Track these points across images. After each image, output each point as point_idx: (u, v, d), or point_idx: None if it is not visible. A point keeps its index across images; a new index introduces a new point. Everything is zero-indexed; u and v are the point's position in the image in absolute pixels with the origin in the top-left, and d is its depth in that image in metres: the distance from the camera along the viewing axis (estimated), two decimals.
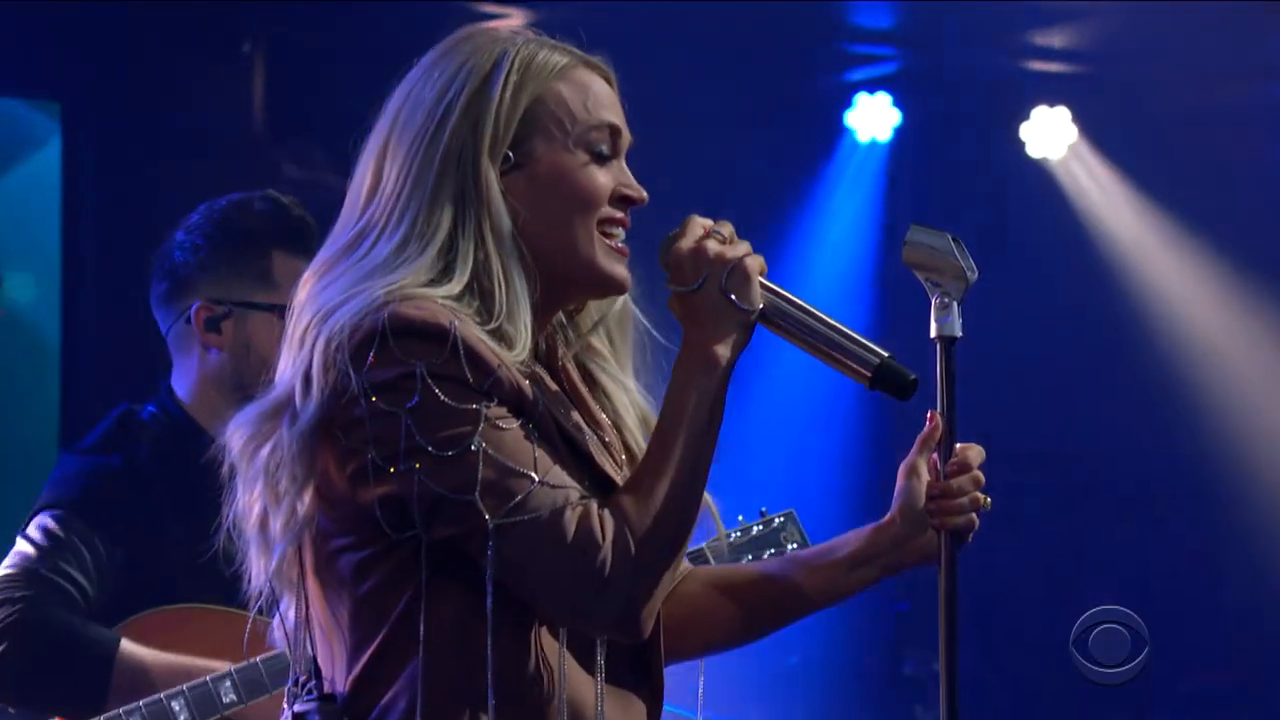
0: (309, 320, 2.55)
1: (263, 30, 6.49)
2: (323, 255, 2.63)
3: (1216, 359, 7.30)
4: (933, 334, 2.67)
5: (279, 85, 6.54)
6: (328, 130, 5.90)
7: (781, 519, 4.23)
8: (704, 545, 3.65)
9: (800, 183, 7.41)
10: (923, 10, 7.28)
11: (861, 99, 7.45)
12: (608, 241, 2.65)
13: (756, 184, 7.13)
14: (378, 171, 2.63)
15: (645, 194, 2.69)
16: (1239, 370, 7.29)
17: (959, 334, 2.66)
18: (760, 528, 4.20)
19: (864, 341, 2.65)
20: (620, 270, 2.66)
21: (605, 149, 2.66)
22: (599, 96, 2.68)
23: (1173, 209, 7.31)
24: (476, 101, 2.61)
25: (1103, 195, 7.32)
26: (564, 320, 2.74)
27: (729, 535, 4.14)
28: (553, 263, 2.63)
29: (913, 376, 2.64)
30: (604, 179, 2.65)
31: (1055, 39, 7.36)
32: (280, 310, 4.09)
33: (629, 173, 2.69)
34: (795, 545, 4.19)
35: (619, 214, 2.66)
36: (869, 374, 2.64)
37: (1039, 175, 7.40)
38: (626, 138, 2.70)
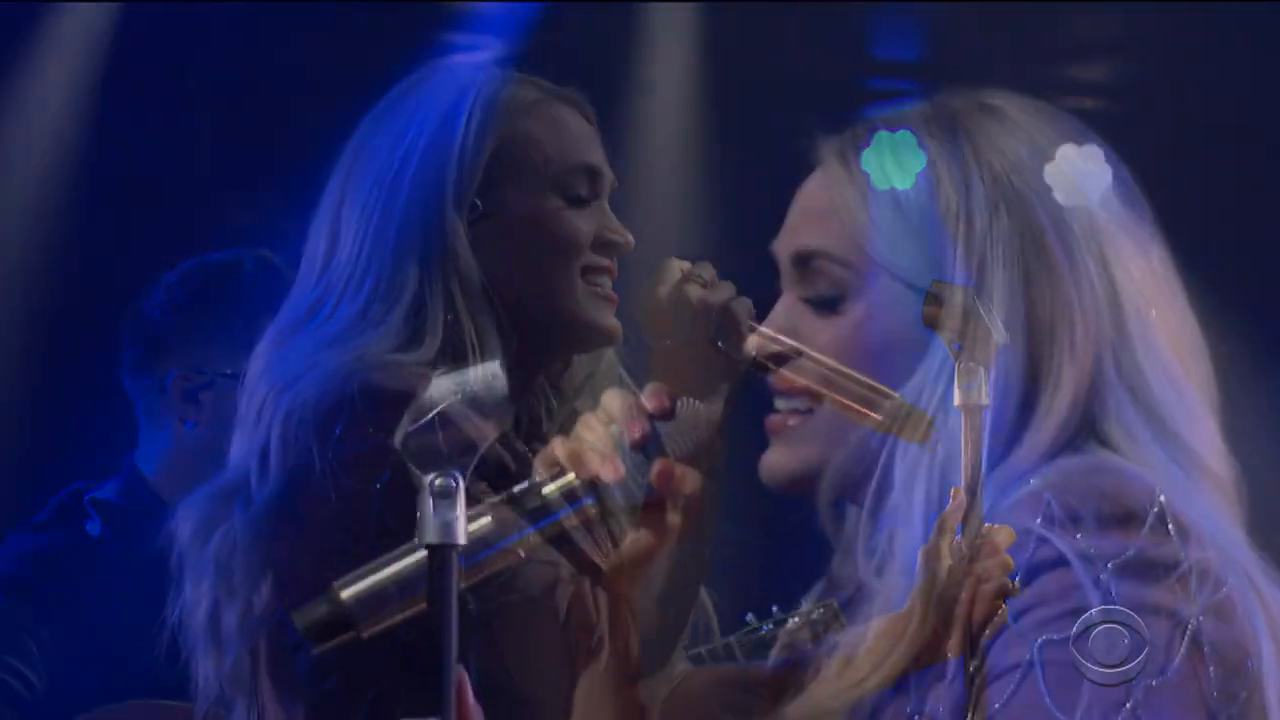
0: (265, 393, 2.46)
1: (209, 64, 6.46)
2: (279, 322, 2.54)
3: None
4: (956, 402, 2.60)
5: (226, 123, 6.51)
6: (281, 171, 5.87)
7: (821, 610, 4.04)
8: (732, 640, 3.56)
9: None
10: (945, 41, 7.26)
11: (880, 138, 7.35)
12: (592, 288, 2.57)
13: (759, 230, 7.04)
14: (334, 228, 2.55)
15: (631, 238, 2.59)
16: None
17: (986, 403, 2.59)
18: (795, 621, 4.03)
19: (869, 383, 2.61)
20: (608, 318, 2.57)
21: (583, 192, 2.58)
22: (575, 135, 2.59)
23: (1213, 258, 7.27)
24: (437, 145, 2.53)
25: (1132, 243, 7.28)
26: (547, 389, 2.65)
27: (760, 628, 4.01)
28: (531, 318, 2.54)
29: (929, 417, 2.60)
30: (583, 225, 2.57)
31: (1093, 73, 7.34)
32: None
33: (612, 216, 2.59)
34: None
35: (604, 261, 2.58)
36: (878, 417, 2.60)
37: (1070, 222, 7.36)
38: (609, 178, 2.60)
